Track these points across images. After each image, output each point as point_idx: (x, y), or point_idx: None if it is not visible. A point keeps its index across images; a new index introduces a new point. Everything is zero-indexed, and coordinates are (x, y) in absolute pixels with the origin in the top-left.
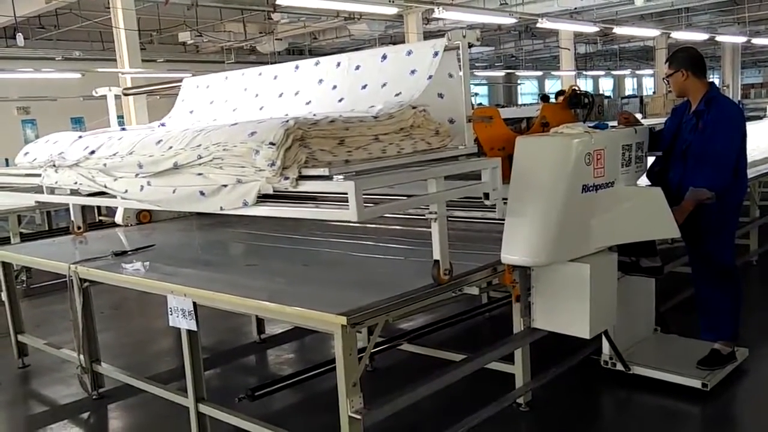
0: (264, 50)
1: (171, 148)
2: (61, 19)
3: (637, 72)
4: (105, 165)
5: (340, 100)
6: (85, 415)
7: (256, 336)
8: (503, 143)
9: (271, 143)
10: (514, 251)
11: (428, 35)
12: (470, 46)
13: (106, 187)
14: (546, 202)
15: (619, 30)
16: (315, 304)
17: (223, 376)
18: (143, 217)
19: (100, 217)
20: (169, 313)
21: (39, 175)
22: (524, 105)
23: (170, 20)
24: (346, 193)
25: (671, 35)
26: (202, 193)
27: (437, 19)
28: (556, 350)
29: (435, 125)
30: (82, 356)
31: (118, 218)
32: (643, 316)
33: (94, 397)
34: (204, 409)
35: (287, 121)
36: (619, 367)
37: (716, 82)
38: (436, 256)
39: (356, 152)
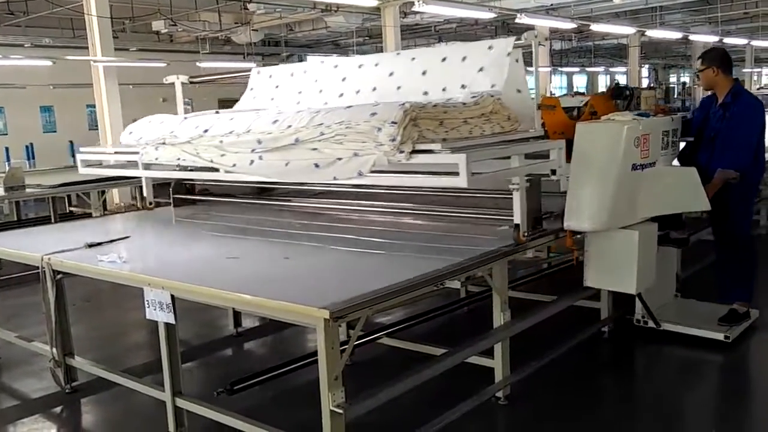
0: (239, 41)
1: (290, 126)
2: (31, 6)
3: (611, 69)
4: (221, 142)
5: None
6: (58, 410)
7: (232, 329)
8: (563, 128)
9: (393, 122)
10: (576, 219)
11: (405, 28)
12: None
13: (212, 161)
14: (603, 177)
15: (595, 27)
16: (297, 297)
17: (200, 369)
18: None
19: (71, 208)
20: (146, 306)
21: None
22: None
23: (143, 8)
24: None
25: (645, 33)
26: (316, 165)
27: (415, 13)
28: (536, 343)
29: (508, 112)
30: (54, 349)
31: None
32: (667, 282)
33: (67, 391)
34: (181, 403)
35: (404, 104)
36: (651, 324)
37: (686, 80)
38: (517, 220)
39: (451, 132)
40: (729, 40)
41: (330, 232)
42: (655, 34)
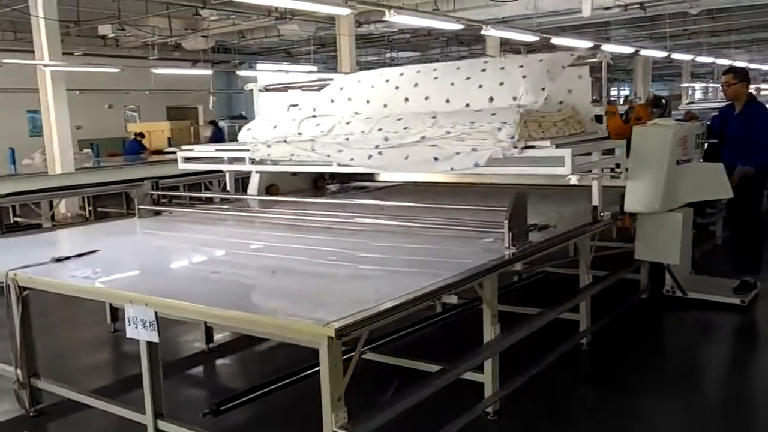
0: (190, 47)
1: (407, 128)
2: None
3: None
4: (347, 139)
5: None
6: None
7: (203, 345)
8: (619, 130)
9: (510, 124)
10: (635, 203)
11: (359, 38)
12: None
13: (329, 156)
14: (655, 170)
15: (556, 40)
16: (293, 314)
17: (174, 388)
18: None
19: (15, 219)
20: (127, 323)
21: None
22: None
23: (89, 12)
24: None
25: (602, 47)
26: (435, 159)
27: (370, 22)
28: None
29: (579, 117)
30: (19, 370)
31: (251, 190)
32: (685, 260)
33: (32, 414)
34: (164, 426)
35: (518, 108)
36: (678, 293)
37: (627, 93)
38: (595, 203)
39: (545, 132)
40: (677, 56)
41: (308, 244)
42: (610, 48)
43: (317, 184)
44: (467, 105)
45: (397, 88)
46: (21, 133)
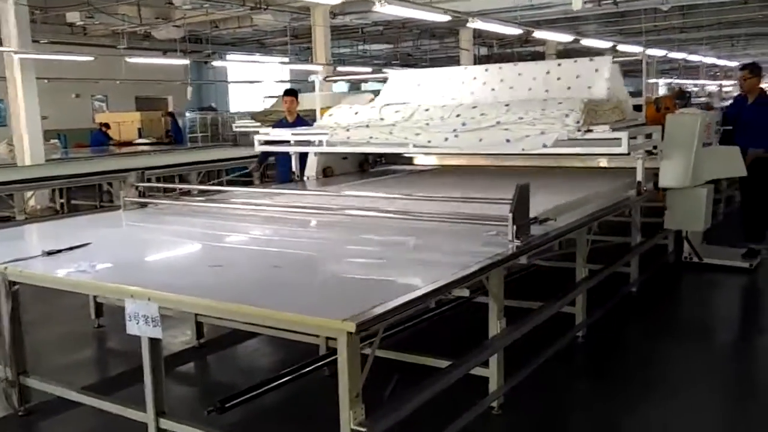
0: (160, 36)
1: (483, 114)
2: None
3: None
4: (427, 124)
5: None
6: None
7: (194, 340)
8: (654, 118)
9: (576, 111)
10: (668, 179)
11: (334, 29)
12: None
13: (406, 139)
14: (685, 151)
15: (538, 34)
16: (306, 309)
17: (170, 385)
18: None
19: None
20: (127, 319)
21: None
22: None
23: None
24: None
25: (581, 41)
26: (507, 140)
27: (345, 14)
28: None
29: (623, 106)
30: (8, 368)
31: (310, 171)
32: (698, 232)
33: (20, 413)
34: (166, 424)
35: (583, 99)
36: (695, 259)
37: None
38: (639, 178)
39: (600, 118)
40: (651, 51)
41: (312, 238)
42: (589, 43)
43: (362, 167)
44: (546, 90)
45: (483, 83)
46: None
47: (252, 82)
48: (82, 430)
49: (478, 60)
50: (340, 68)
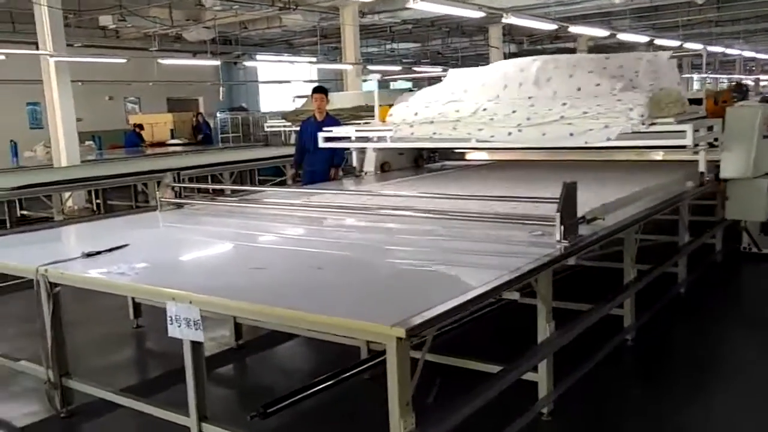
0: (191, 38)
1: (550, 109)
2: None
3: None
4: (491, 119)
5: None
6: None
7: (233, 341)
8: (713, 111)
9: (641, 105)
10: (730, 171)
11: (363, 28)
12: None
13: (469, 134)
14: (746, 143)
15: (573, 29)
16: (353, 313)
17: (209, 388)
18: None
19: (22, 212)
20: (169, 322)
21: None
22: None
23: (89, 2)
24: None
25: (617, 36)
26: (570, 134)
27: (374, 13)
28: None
29: (682, 99)
30: (50, 370)
31: (369, 166)
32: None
33: (63, 415)
34: (209, 429)
35: (647, 93)
36: (754, 250)
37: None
38: (701, 169)
39: (662, 111)
40: (689, 45)
41: (351, 240)
42: (625, 37)
43: (417, 162)
44: (598, 85)
45: (539, 78)
46: (21, 126)
47: (282, 82)
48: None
49: (508, 57)
50: (370, 67)
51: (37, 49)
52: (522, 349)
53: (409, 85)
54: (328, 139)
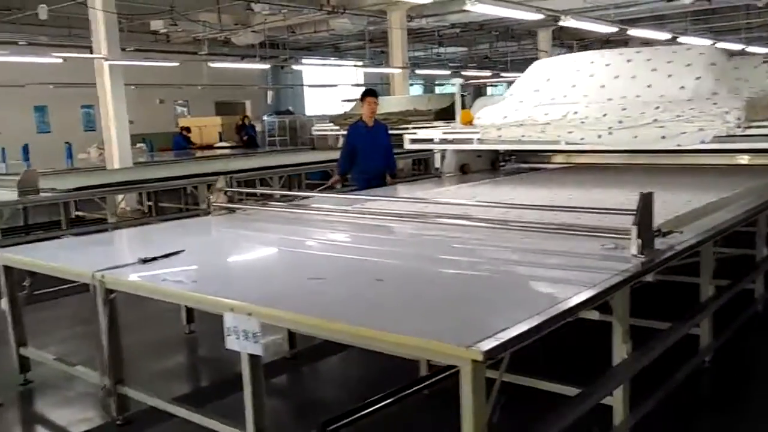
0: (239, 42)
1: (643, 113)
2: (27, 2)
3: None
4: (582, 122)
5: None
6: None
7: (285, 350)
8: None
9: (738, 108)
10: None
11: (410, 32)
12: None
13: (559, 136)
14: None
15: (633, 32)
16: (421, 331)
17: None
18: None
19: (77, 212)
20: (226, 333)
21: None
22: None
23: (140, 8)
24: None
25: (678, 39)
26: (663, 137)
27: (421, 17)
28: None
29: None
30: (106, 377)
31: (448, 168)
32: None
33: (118, 423)
34: None
35: (744, 97)
36: None
37: None
38: None
39: (758, 114)
40: (752, 49)
41: (409, 247)
42: (686, 40)
43: (494, 164)
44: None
45: (623, 73)
46: (75, 128)
47: (329, 86)
48: None
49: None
50: (418, 71)
51: (92, 53)
52: (588, 368)
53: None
54: (414, 141)
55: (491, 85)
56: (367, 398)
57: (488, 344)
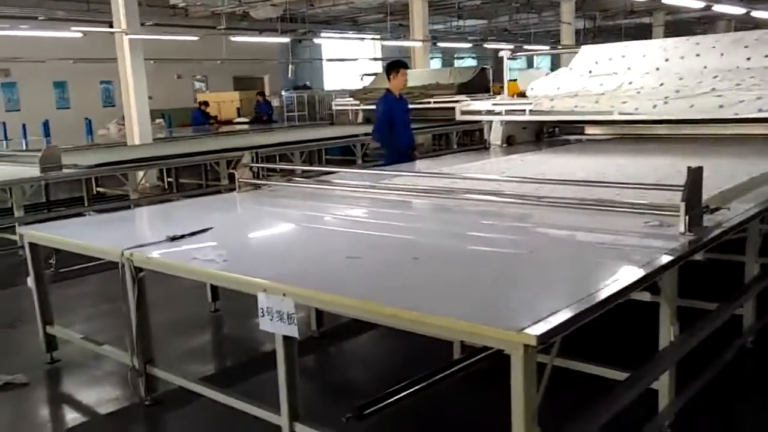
0: (257, 16)
1: (700, 82)
2: None
3: None
4: (638, 92)
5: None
6: (142, 429)
7: (314, 329)
8: None
9: None
10: None
11: (429, 4)
12: None
13: (612, 107)
14: None
15: (717, 7)
16: (464, 313)
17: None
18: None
19: (98, 189)
20: (260, 314)
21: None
22: None
23: None
24: None
25: (712, 8)
26: (720, 106)
27: None
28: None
29: None
30: (135, 357)
31: (495, 140)
32: None
33: (147, 403)
34: (302, 429)
35: None
36: None
37: None
38: None
39: None
40: None
41: (444, 223)
42: (721, 8)
43: (539, 136)
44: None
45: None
46: (94, 104)
47: (349, 60)
48: (208, 423)
49: (583, 33)
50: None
51: (111, 27)
52: (631, 350)
53: (474, 63)
54: (465, 113)
55: (511, 59)
56: (397, 379)
57: (541, 328)
